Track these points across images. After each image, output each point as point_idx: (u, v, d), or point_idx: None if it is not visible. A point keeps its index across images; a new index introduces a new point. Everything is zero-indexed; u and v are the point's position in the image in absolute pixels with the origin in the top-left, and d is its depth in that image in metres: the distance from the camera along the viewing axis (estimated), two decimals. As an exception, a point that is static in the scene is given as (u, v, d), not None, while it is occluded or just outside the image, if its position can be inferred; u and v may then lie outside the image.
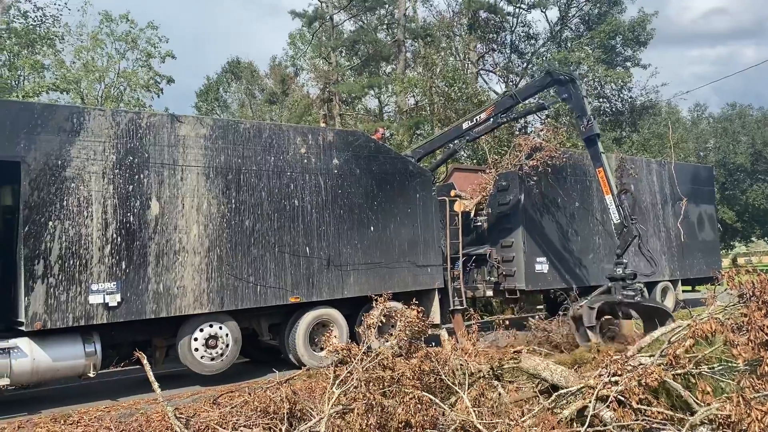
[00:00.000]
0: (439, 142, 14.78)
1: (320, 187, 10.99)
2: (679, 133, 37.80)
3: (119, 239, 9.06)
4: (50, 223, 8.57)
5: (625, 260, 11.79)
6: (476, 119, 13.80)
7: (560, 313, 12.18)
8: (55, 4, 22.76)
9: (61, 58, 25.14)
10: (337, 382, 7.28)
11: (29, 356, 8.52)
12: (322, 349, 10.82)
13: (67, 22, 25.07)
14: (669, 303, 16.61)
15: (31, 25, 22.05)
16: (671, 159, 19.77)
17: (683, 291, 18.32)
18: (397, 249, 11.72)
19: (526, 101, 14.21)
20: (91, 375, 9.01)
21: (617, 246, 12.06)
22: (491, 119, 13.64)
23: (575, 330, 10.82)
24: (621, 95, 32.81)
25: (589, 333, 10.57)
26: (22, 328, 8.46)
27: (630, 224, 11.77)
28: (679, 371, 6.84)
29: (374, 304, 9.44)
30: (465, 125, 13.91)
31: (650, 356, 7.46)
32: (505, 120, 13.78)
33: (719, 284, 9.70)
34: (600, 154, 12.33)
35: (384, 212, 11.65)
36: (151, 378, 7.89)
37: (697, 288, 19.12)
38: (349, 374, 7.38)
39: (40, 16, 22.11)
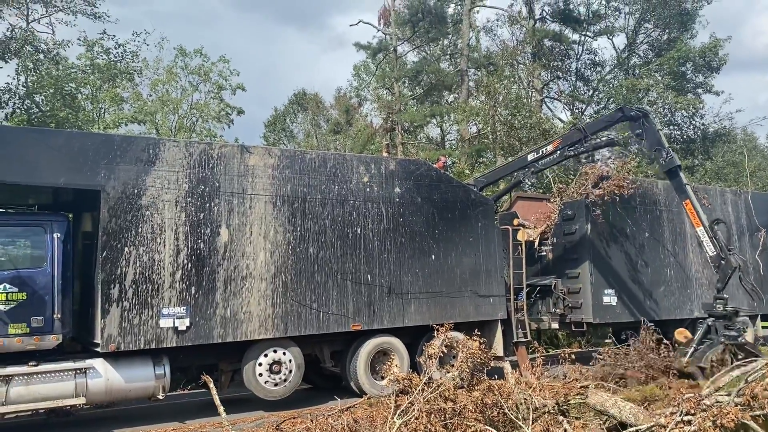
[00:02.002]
0: (502, 173, 14.63)
1: (382, 216, 11.10)
2: (756, 161, 36.24)
3: (190, 265, 9.39)
4: (126, 249, 8.98)
5: (726, 295, 11.24)
6: (542, 151, 13.56)
7: (627, 344, 11.74)
8: (135, 40, 23.93)
9: (138, 91, 26.52)
10: (398, 412, 7.25)
11: (103, 377, 8.90)
12: (383, 377, 10.81)
13: (145, 57, 26.32)
14: (748, 339, 15.76)
15: (113, 60, 23.37)
16: (748, 188, 18.91)
17: (763, 327, 17.37)
18: (458, 278, 11.64)
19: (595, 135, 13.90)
20: (160, 397, 9.31)
21: (717, 280, 11.55)
22: (558, 152, 13.40)
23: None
24: (692, 122, 31.74)
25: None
26: (98, 349, 8.84)
27: (728, 256, 11.24)
28: (758, 412, 6.50)
29: (435, 334, 9.37)
30: (530, 157, 13.69)
31: (726, 395, 7.11)
32: (572, 153, 13.51)
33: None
34: (684, 185, 11.93)
35: (445, 241, 11.62)
36: (217, 402, 8.08)
37: (778, 324, 18.08)
38: (410, 404, 7.34)
39: (121, 52, 23.43)
